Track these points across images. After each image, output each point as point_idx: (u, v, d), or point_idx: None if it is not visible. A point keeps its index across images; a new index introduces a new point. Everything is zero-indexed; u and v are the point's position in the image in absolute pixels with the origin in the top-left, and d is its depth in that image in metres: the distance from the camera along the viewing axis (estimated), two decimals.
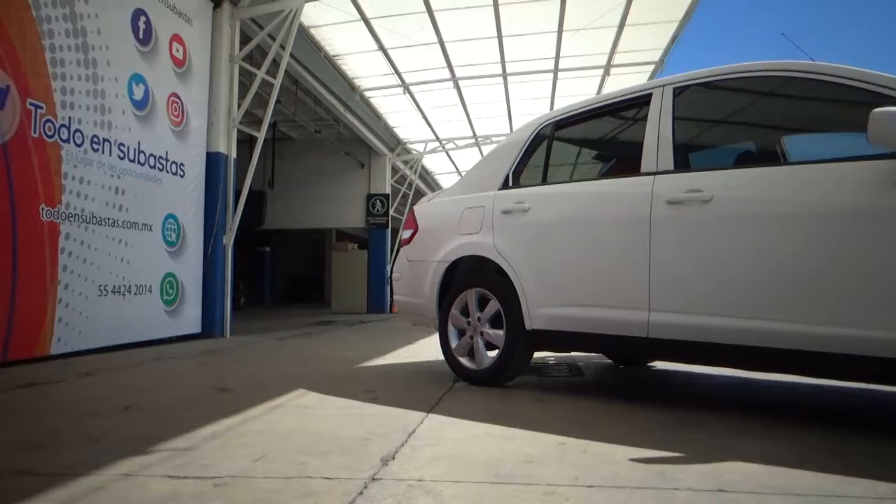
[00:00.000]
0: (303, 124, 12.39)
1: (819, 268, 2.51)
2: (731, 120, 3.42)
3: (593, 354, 5.24)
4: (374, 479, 1.91)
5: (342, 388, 3.59)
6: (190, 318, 6.69)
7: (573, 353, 5.27)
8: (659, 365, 4.74)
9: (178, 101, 6.45)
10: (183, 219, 6.56)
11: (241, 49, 7.41)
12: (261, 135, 7.53)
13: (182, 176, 6.54)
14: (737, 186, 2.80)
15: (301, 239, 20.38)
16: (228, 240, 7.21)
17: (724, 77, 3.11)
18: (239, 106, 7.37)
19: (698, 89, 3.21)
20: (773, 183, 2.72)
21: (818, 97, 2.90)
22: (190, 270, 6.69)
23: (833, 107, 2.92)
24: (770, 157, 3.21)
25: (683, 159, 3.13)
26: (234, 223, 7.21)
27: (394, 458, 2.15)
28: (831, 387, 3.70)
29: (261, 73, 7.27)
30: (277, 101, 8.21)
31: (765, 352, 2.65)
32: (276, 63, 7.46)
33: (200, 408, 3.05)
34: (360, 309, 14.17)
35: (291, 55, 7.82)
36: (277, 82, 7.39)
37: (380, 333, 8.15)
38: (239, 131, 7.55)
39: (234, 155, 7.33)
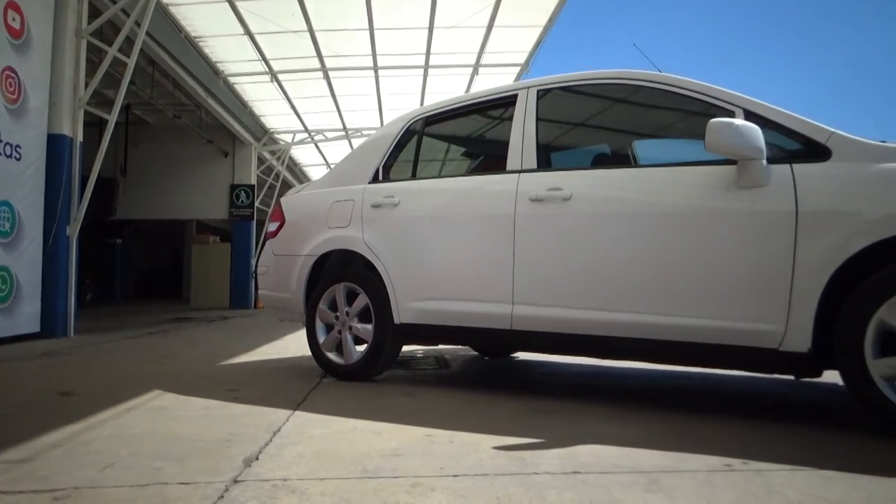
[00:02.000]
0: (160, 108, 11.60)
1: (665, 263, 2.74)
2: (589, 123, 3.64)
3: (460, 347, 5.37)
4: (236, 482, 1.84)
5: (202, 388, 3.42)
6: (27, 317, 6.05)
7: (441, 346, 5.37)
8: (521, 356, 4.94)
9: (13, 75, 5.80)
10: (19, 206, 5.92)
11: (89, 23, 6.79)
12: (112, 117, 6.97)
13: (18, 159, 5.90)
14: (593, 186, 2.99)
15: (157, 231, 19.09)
16: (73, 231, 6.61)
17: (582, 82, 3.29)
18: (87, 85, 6.76)
19: (560, 93, 3.38)
20: (624, 183, 2.93)
21: (664, 106, 3.15)
22: (27, 264, 6.05)
23: (677, 115, 3.18)
24: (623, 159, 3.45)
25: (546, 159, 3.28)
26: (79, 213, 6.63)
27: (257, 459, 2.08)
28: (675, 372, 4.05)
29: (112, 51, 6.72)
30: (131, 83, 7.63)
31: (618, 341, 2.85)
32: (130, 41, 6.93)
33: (40, 414, 2.78)
34: (223, 305, 13.55)
35: (148, 33, 7.29)
36: (131, 62, 6.87)
37: (244, 330, 7.85)
38: (87, 113, 6.92)
39: (80, 138, 6.72)
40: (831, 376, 2.56)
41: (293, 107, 12.10)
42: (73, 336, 6.54)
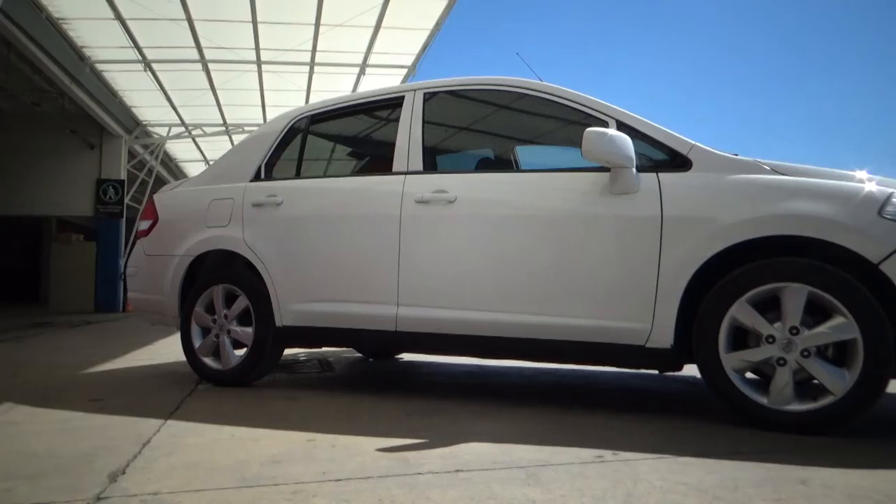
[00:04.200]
0: (16, 94, 10.60)
1: (542, 264, 2.85)
2: (474, 127, 3.72)
3: (344, 349, 5.31)
4: (99, 499, 1.72)
5: (62, 399, 3.16)
6: None
7: (324, 349, 5.28)
8: (406, 357, 4.96)
9: None
10: None
11: None
12: None
13: None
14: (477, 189, 3.06)
15: (11, 227, 17.42)
16: None
17: (467, 87, 3.37)
18: None
19: (445, 96, 3.43)
20: (507, 187, 3.02)
21: (545, 113, 3.28)
22: None
23: (556, 123, 3.33)
24: (506, 164, 3.56)
25: (431, 161, 3.32)
26: None
27: (124, 473, 1.95)
28: (548, 369, 4.22)
29: None
30: None
31: (498, 341, 2.93)
32: None
33: None
34: (87, 308, 12.58)
35: (2, 11, 6.65)
36: None
37: (111, 335, 7.34)
38: None
39: None
40: (690, 370, 2.76)
41: (169, 99, 11.46)
42: None
